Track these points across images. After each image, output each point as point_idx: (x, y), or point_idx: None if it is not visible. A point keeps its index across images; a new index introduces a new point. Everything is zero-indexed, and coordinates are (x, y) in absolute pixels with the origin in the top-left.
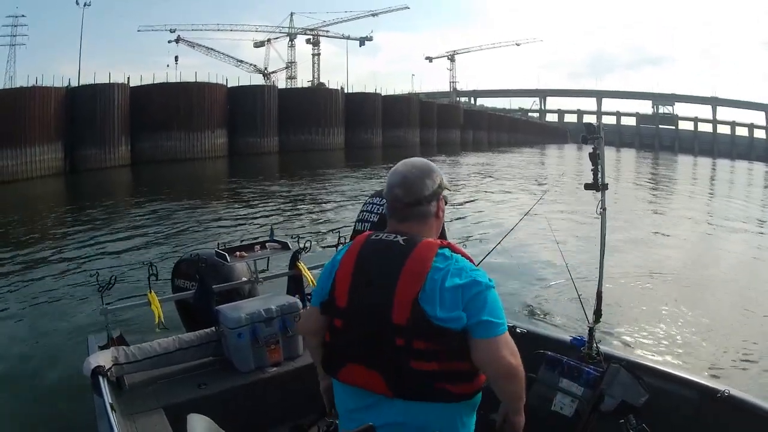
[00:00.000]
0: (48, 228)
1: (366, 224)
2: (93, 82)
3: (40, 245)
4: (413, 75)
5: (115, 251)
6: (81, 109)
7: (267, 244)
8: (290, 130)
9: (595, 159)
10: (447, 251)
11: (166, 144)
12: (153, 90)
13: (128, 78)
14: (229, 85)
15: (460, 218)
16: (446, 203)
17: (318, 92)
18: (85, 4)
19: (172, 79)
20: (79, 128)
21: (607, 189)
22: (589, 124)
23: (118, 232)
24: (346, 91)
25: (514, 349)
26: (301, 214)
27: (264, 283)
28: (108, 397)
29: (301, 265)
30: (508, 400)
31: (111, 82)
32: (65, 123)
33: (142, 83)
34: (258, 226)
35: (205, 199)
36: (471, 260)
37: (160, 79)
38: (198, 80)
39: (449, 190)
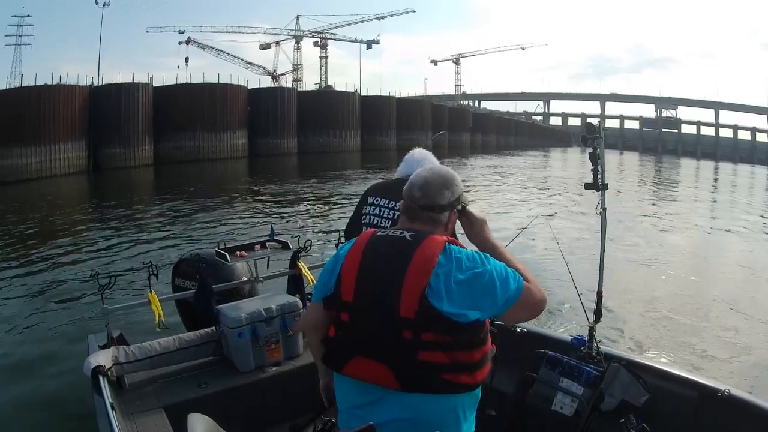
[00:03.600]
0: (58, 226)
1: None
2: (117, 82)
3: (45, 244)
4: (426, 78)
5: (117, 250)
6: (105, 108)
7: (267, 243)
8: (308, 132)
9: (595, 159)
10: (449, 246)
11: (188, 144)
12: (176, 90)
13: (151, 78)
14: (249, 87)
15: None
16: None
17: (335, 95)
18: (104, 4)
19: (182, 80)
20: (102, 127)
21: (607, 189)
22: (590, 124)
23: (123, 232)
24: (359, 94)
25: (537, 288)
26: (303, 214)
27: (264, 283)
28: (108, 397)
29: (302, 265)
30: None
31: (135, 81)
32: (89, 121)
33: (157, 84)
34: (263, 224)
35: (218, 199)
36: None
37: (171, 80)
38: (216, 82)
39: (465, 204)
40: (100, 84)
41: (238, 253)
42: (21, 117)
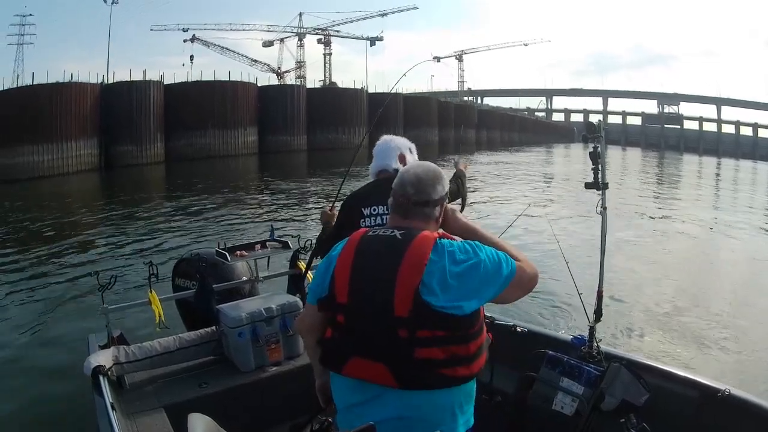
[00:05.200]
0: (63, 225)
1: None
2: (128, 80)
3: (49, 242)
4: (432, 76)
5: (119, 250)
6: (116, 106)
7: (267, 243)
8: (317, 129)
9: (596, 158)
10: (440, 241)
11: (199, 141)
12: (187, 88)
13: (162, 75)
14: (258, 85)
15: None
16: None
17: (344, 92)
18: (113, 2)
19: (189, 78)
20: (114, 125)
21: (608, 188)
22: (590, 123)
23: (126, 231)
24: (366, 91)
25: (528, 265)
26: (306, 213)
27: (264, 283)
28: (108, 397)
29: (302, 264)
30: None
31: (146, 79)
32: (100, 119)
33: (165, 82)
34: (264, 223)
35: (224, 197)
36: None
37: (178, 78)
38: (226, 80)
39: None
40: (109, 82)
41: (238, 252)
42: (33, 114)
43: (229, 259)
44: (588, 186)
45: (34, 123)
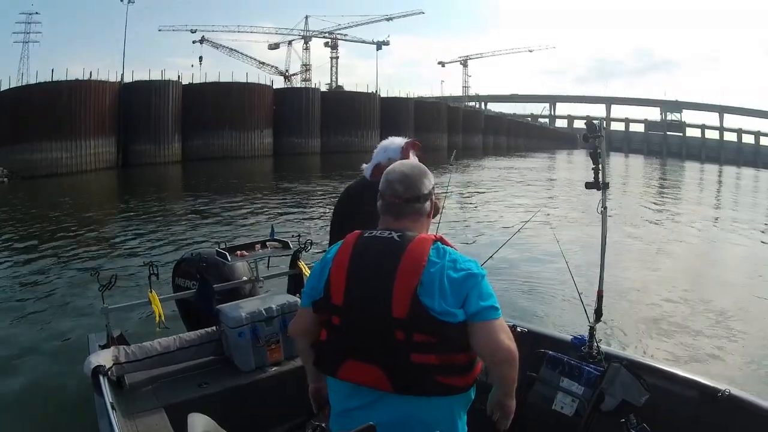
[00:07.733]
0: (69, 223)
1: None
2: (146, 79)
3: (52, 240)
4: (442, 81)
5: (121, 249)
6: (135, 105)
7: (267, 243)
8: (331, 132)
9: (596, 158)
10: (440, 245)
11: (216, 142)
12: (204, 89)
13: (180, 75)
14: (274, 87)
15: (475, 219)
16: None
17: (358, 96)
18: (129, 1)
19: (197, 79)
20: (132, 123)
21: (608, 188)
22: (590, 123)
23: (130, 231)
24: (379, 94)
25: (509, 333)
26: (310, 213)
27: (264, 283)
28: (108, 397)
29: (302, 264)
30: (504, 383)
31: (165, 79)
32: (118, 117)
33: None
34: (267, 223)
35: (234, 197)
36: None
37: (188, 79)
38: (238, 81)
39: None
40: (124, 81)
41: (238, 252)
42: (53, 111)
43: (229, 259)
44: (588, 186)
45: (53, 120)
